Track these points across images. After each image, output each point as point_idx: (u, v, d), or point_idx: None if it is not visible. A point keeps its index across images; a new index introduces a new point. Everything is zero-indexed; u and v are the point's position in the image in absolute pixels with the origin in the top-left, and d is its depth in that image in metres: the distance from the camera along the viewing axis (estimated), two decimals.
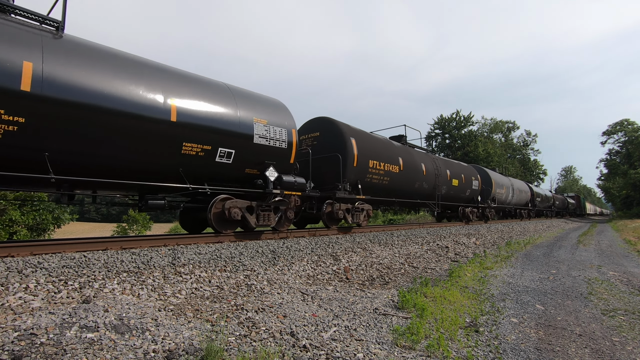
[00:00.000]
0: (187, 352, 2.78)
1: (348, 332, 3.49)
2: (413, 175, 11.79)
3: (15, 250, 4.36)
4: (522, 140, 63.90)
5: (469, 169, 17.44)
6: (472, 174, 17.19)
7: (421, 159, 12.68)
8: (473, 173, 17.42)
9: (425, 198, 12.99)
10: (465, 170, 16.78)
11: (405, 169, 11.24)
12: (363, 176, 9.51)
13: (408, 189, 11.82)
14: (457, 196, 15.42)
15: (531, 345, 3.54)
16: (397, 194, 11.37)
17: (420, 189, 12.36)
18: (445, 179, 14.04)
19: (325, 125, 9.65)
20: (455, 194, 15.14)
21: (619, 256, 10.38)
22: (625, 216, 41.39)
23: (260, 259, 5.70)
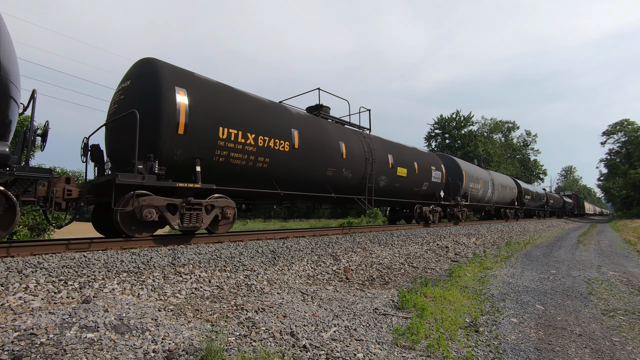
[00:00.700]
0: (187, 352, 2.78)
1: (348, 332, 3.49)
2: (320, 158, 8.32)
3: (15, 250, 4.36)
4: (522, 140, 63.94)
5: (428, 157, 13.82)
6: (432, 162, 13.58)
7: (341, 137, 9.11)
8: (434, 162, 13.83)
9: (349, 191, 9.52)
10: (422, 157, 13.14)
11: (303, 148, 7.84)
12: (206, 152, 6.18)
13: (310, 177, 8.22)
14: (406, 190, 12.00)
15: (531, 345, 3.54)
16: (287, 183, 7.76)
17: (337, 179, 8.90)
18: (384, 166, 10.61)
19: (142, 69, 6.20)
20: (403, 187, 11.70)
21: (619, 256, 10.38)
22: (625, 216, 41.39)
23: (260, 259, 5.70)
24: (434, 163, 13.78)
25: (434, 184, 13.54)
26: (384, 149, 10.98)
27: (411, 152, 12.67)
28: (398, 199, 11.86)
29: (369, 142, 10.26)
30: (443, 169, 14.31)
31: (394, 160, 11.18)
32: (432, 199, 13.82)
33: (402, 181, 11.59)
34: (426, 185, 13.00)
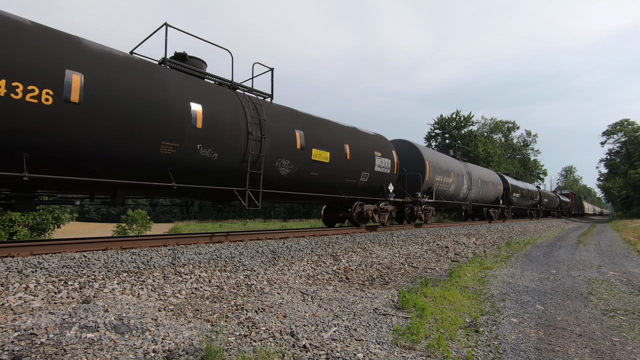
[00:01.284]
0: (187, 352, 2.78)
1: (348, 332, 3.49)
2: (142, 123, 5.28)
3: (15, 250, 4.36)
4: (522, 140, 63.94)
5: (372, 140, 10.28)
6: (376, 147, 10.19)
7: (192, 96, 5.94)
8: (380, 146, 10.38)
9: (216, 180, 6.42)
10: (359, 139, 9.70)
11: (91, 103, 4.79)
12: None
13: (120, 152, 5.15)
14: (330, 182, 8.65)
15: (531, 345, 3.54)
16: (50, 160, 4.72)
17: (186, 159, 5.80)
18: (289, 147, 7.48)
19: None
20: (324, 177, 8.37)
21: (619, 256, 10.37)
22: (625, 216, 41.39)
23: (260, 259, 5.70)
24: (380, 148, 10.26)
25: (379, 175, 10.11)
26: (291, 123, 7.71)
27: (341, 132, 9.08)
28: (314, 193, 8.31)
29: (259, 109, 7.00)
30: (394, 157, 10.84)
31: (305, 139, 7.73)
32: (379, 195, 10.54)
33: (321, 169, 8.16)
34: (366, 177, 9.57)
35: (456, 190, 15.50)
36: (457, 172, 15.52)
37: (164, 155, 5.56)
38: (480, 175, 18.27)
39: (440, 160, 14.41)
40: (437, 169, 13.73)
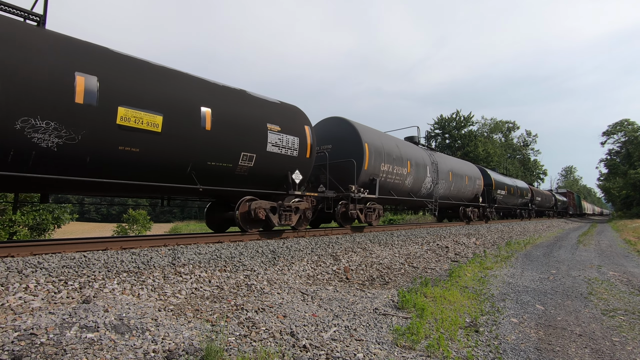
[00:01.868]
0: (187, 352, 2.78)
1: (348, 332, 3.49)
2: None
3: (15, 250, 4.36)
4: (522, 140, 63.98)
5: (266, 108, 7.46)
6: (270, 118, 7.31)
7: None
8: (280, 118, 7.58)
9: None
10: (238, 104, 6.88)
11: None
12: None
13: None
14: (162, 165, 5.76)
15: (531, 345, 3.54)
16: None
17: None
18: (57, 102, 4.57)
19: None
20: (149, 156, 5.53)
21: (619, 256, 10.38)
22: (625, 216, 41.40)
23: (260, 259, 5.70)
24: (279, 120, 7.42)
25: (278, 159, 7.30)
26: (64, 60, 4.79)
27: (195, 87, 6.25)
28: (134, 180, 5.59)
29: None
30: (308, 135, 7.95)
31: (101, 88, 4.95)
32: (282, 187, 7.68)
33: (147, 142, 5.45)
34: (252, 160, 6.77)
35: (415, 184, 12.21)
36: (417, 161, 12.24)
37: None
38: (451, 167, 14.89)
39: (389, 145, 11.00)
40: (382, 155, 10.38)
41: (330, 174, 9.60)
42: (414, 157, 12.34)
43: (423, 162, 12.80)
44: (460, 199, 16.15)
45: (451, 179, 14.74)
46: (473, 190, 17.07)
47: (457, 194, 15.64)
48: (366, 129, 10.55)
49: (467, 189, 16.42)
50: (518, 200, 24.44)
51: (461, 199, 16.28)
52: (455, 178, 15.02)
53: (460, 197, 16.08)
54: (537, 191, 31.55)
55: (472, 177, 17.01)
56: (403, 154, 11.66)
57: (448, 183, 14.55)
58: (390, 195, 11.11)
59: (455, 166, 15.61)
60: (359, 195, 9.38)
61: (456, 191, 15.41)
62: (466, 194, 16.53)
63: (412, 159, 12.07)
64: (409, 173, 11.81)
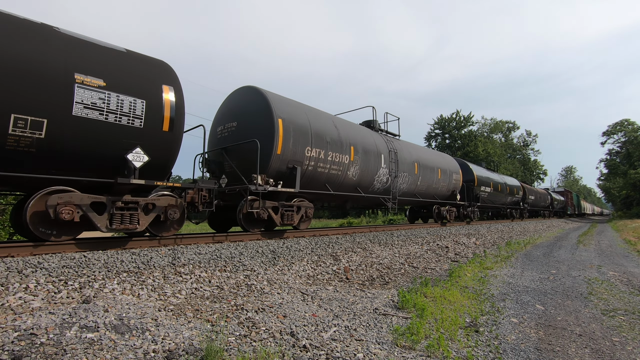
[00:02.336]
0: (187, 352, 2.78)
1: (348, 332, 3.49)
2: None
3: (15, 250, 4.36)
4: (522, 140, 63.99)
5: (108, 58, 5.09)
6: (83, 66, 4.75)
7: None
8: (120, 73, 5.11)
9: None
10: (48, 49, 4.52)
11: None
12: None
13: None
14: None
15: (531, 345, 3.54)
16: None
17: None
18: None
19: None
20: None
21: (619, 256, 10.38)
22: (625, 216, 41.43)
23: (260, 259, 5.70)
24: (87, 68, 4.84)
25: (102, 129, 4.85)
26: None
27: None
28: None
29: None
30: (167, 96, 5.51)
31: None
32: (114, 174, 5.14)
33: None
34: (33, 126, 4.31)
35: (364, 177, 9.69)
36: (366, 148, 9.71)
37: None
38: (417, 157, 12.50)
39: (321, 125, 8.52)
40: (309, 136, 7.95)
41: (234, 161, 7.48)
42: (362, 142, 9.67)
43: (376, 150, 10.15)
44: (431, 196, 13.62)
45: (417, 172, 12.38)
46: (449, 186, 14.65)
47: (427, 190, 13.24)
48: (283, 101, 7.85)
49: (441, 184, 14.04)
50: (507, 198, 22.14)
51: (433, 196, 13.76)
52: (423, 171, 12.72)
53: (431, 194, 13.58)
54: (531, 189, 29.12)
55: (448, 170, 14.60)
56: (344, 137, 8.97)
57: (413, 177, 12.14)
58: (325, 189, 8.58)
59: (424, 157, 13.18)
60: (266, 188, 6.90)
61: (425, 187, 13.03)
62: (440, 190, 14.16)
63: (358, 145, 9.42)
64: (353, 162, 9.18)
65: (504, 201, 21.98)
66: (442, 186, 14.24)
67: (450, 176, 14.82)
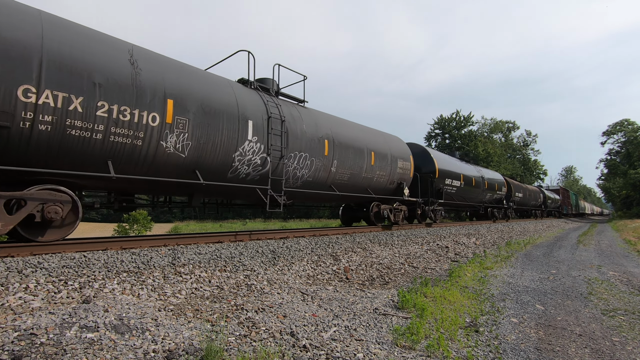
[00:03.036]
0: (187, 352, 2.78)
1: (348, 332, 3.49)
2: None
3: (15, 250, 4.36)
4: (522, 140, 63.98)
5: None
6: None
7: None
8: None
9: None
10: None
11: None
12: None
13: None
14: None
15: (531, 345, 3.54)
16: None
17: None
18: None
19: None
20: None
21: (619, 256, 10.38)
22: (625, 216, 41.42)
23: (260, 259, 5.70)
24: None
25: None
26: None
27: None
28: None
29: None
30: None
31: None
32: None
33: None
34: None
35: (208, 154, 6.18)
36: (211, 106, 6.22)
37: None
38: (330, 133, 8.79)
39: (73, 49, 4.70)
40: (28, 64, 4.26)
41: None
42: (200, 95, 6.06)
43: (235, 112, 6.56)
44: (361, 190, 9.90)
45: (329, 154, 8.52)
46: (390, 177, 10.83)
47: (353, 180, 9.47)
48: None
49: (376, 173, 10.17)
50: (485, 195, 18.77)
51: (365, 189, 10.03)
52: (340, 152, 8.87)
53: (361, 187, 9.88)
54: (518, 185, 25.69)
55: (389, 155, 10.74)
56: (147, 80, 5.38)
57: (323, 160, 8.39)
58: (99, 170, 5.01)
59: (344, 133, 9.26)
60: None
61: (347, 176, 9.23)
62: (377, 181, 10.33)
63: (187, 98, 5.82)
64: (172, 125, 5.57)
65: (482, 198, 18.54)
66: (378, 176, 10.32)
67: (394, 164, 10.90)
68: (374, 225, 10.82)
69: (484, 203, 19.40)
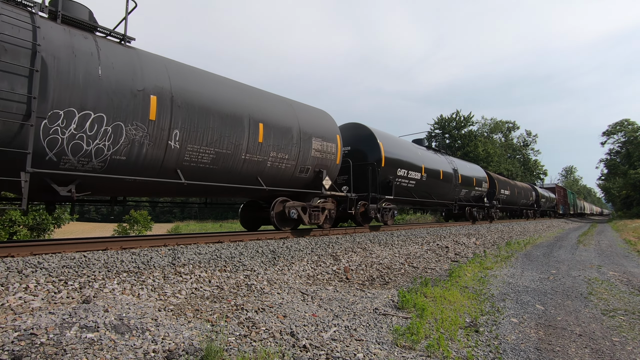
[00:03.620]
0: (187, 352, 2.78)
1: (348, 332, 3.49)
2: None
3: (15, 250, 4.36)
4: (522, 140, 63.97)
5: None
6: None
7: None
8: None
9: None
10: None
11: None
12: None
13: None
14: None
15: (531, 345, 3.54)
16: None
17: None
18: None
19: None
20: None
21: (619, 256, 10.37)
22: (625, 216, 41.42)
23: (260, 259, 5.69)
24: None
25: None
26: None
27: None
28: None
29: None
30: None
31: None
32: None
33: None
34: None
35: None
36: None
37: None
38: (176, 88, 5.86)
39: None
40: None
41: None
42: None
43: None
44: (244, 179, 6.95)
45: (162, 118, 5.63)
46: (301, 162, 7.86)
47: (226, 164, 6.53)
48: None
49: (273, 155, 7.23)
50: (459, 191, 15.56)
51: (254, 178, 7.10)
52: (195, 119, 6.02)
53: (244, 175, 6.91)
54: (504, 182, 22.25)
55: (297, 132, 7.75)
56: None
57: (147, 128, 5.50)
58: None
59: (206, 91, 6.34)
60: None
61: (212, 156, 6.27)
62: (275, 168, 7.40)
63: None
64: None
65: (453, 196, 15.36)
66: (276, 160, 7.32)
67: (305, 144, 7.89)
68: (279, 231, 7.73)
69: (458, 201, 16.06)
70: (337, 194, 8.98)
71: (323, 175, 8.43)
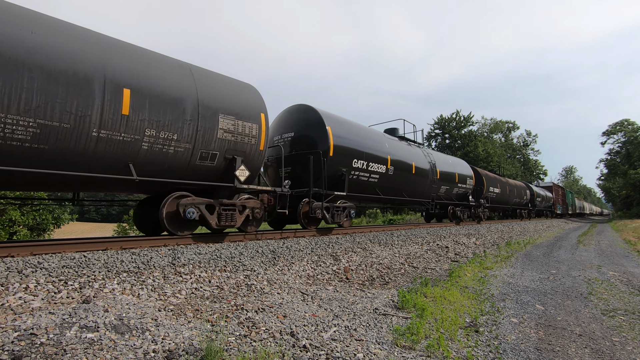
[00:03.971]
0: (187, 352, 2.78)
1: (348, 332, 3.49)
2: None
3: (15, 250, 4.36)
4: (522, 140, 64.00)
5: None
6: None
7: None
8: None
9: None
10: None
11: None
12: None
13: None
14: None
15: (531, 345, 3.54)
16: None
17: None
18: None
19: None
20: None
21: (619, 256, 10.37)
22: (625, 216, 41.45)
23: (260, 259, 5.70)
24: None
25: None
26: None
27: None
28: None
29: None
30: None
31: None
32: None
33: None
34: None
35: None
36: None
37: None
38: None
39: None
40: None
41: None
42: None
43: None
44: (102, 166, 4.96)
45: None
46: (202, 146, 5.95)
47: (66, 143, 4.51)
48: None
49: (150, 133, 5.20)
50: (437, 188, 13.95)
51: (123, 165, 5.14)
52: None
53: (102, 158, 4.90)
54: (493, 178, 20.35)
55: (193, 103, 5.77)
56: None
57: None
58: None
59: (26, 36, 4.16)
60: None
61: (35, 130, 4.23)
62: (158, 152, 5.41)
63: None
64: None
65: (430, 193, 13.57)
66: (158, 140, 5.39)
67: (208, 121, 5.99)
68: (176, 236, 5.99)
69: (437, 199, 14.30)
70: (258, 188, 7.14)
71: (237, 163, 6.44)
